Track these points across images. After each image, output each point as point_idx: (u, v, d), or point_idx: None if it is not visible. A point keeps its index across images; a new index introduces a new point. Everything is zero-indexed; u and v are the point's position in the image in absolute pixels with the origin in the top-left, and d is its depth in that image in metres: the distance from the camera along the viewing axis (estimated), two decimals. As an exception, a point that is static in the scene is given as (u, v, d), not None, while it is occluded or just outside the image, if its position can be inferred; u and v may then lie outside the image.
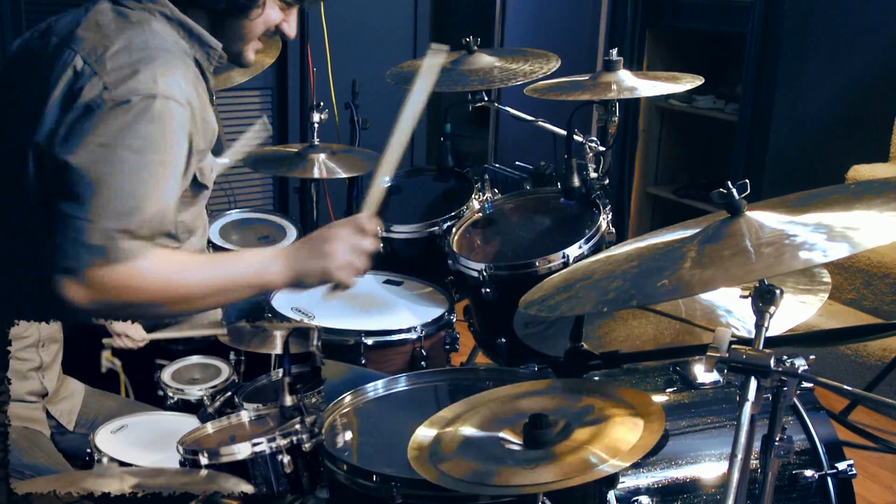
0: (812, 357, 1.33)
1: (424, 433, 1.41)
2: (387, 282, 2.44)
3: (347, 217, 1.62)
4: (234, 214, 2.83)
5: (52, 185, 1.44)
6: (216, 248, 2.61)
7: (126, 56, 1.47)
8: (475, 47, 2.59)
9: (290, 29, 1.69)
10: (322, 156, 2.63)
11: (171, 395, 2.03)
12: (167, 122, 1.46)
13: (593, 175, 2.33)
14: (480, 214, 2.45)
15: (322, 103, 2.79)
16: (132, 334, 2.02)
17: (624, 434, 1.30)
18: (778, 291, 1.23)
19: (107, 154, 1.41)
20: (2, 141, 1.57)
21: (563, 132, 2.36)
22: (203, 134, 1.57)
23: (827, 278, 1.59)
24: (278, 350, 1.97)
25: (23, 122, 1.48)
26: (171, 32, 1.56)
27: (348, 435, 1.60)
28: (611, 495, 1.46)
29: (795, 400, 1.58)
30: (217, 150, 2.73)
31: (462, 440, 1.37)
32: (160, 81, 1.46)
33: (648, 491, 1.51)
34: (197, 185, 1.65)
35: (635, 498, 1.49)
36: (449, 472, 1.28)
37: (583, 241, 2.15)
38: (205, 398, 1.98)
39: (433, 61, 1.74)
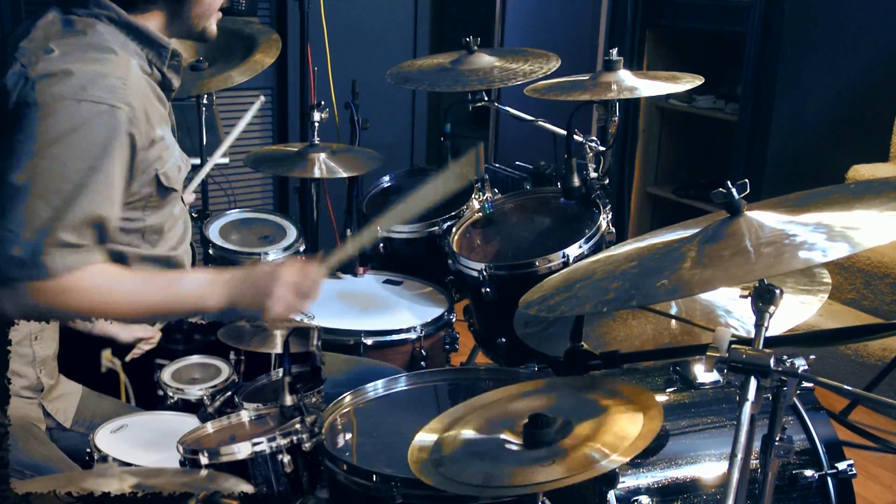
0: (812, 357, 1.33)
1: (424, 439, 1.40)
2: (387, 282, 2.44)
3: (301, 261, 1.59)
4: (233, 214, 2.83)
5: None
6: (216, 248, 2.61)
7: (61, 61, 1.45)
8: (475, 47, 2.59)
9: None
10: (322, 155, 2.63)
11: (171, 394, 2.03)
12: (96, 126, 1.43)
13: (593, 175, 2.33)
14: (480, 214, 2.45)
15: (322, 103, 2.79)
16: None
17: (624, 427, 1.29)
18: (778, 291, 1.23)
19: (33, 161, 1.38)
20: None
21: (563, 132, 2.36)
22: (146, 134, 1.53)
23: (827, 278, 1.59)
24: (278, 350, 1.97)
25: None
26: (117, 35, 1.55)
27: (348, 435, 1.60)
28: (611, 495, 1.46)
29: (795, 400, 1.58)
30: (215, 146, 2.73)
31: (462, 444, 1.37)
32: (91, 85, 1.43)
33: (648, 491, 1.51)
34: (163, 189, 1.62)
35: (635, 498, 1.49)
36: (450, 475, 1.28)
37: (583, 240, 2.15)
38: (205, 398, 1.98)
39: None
